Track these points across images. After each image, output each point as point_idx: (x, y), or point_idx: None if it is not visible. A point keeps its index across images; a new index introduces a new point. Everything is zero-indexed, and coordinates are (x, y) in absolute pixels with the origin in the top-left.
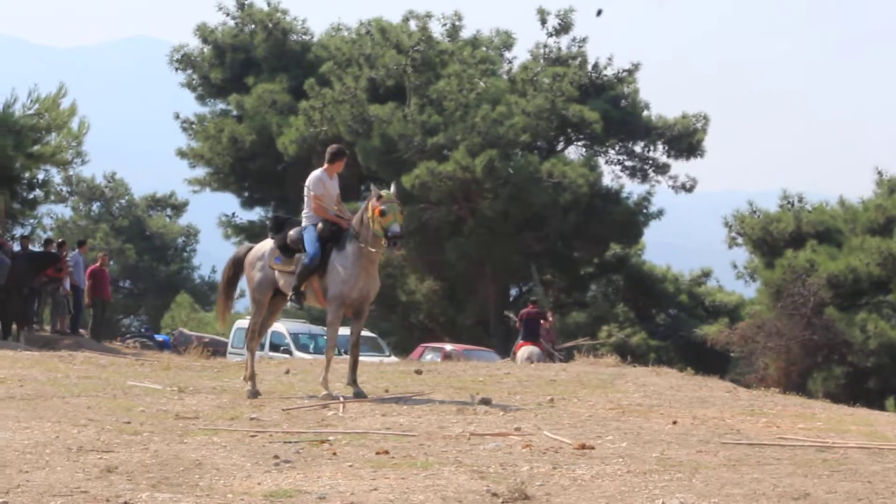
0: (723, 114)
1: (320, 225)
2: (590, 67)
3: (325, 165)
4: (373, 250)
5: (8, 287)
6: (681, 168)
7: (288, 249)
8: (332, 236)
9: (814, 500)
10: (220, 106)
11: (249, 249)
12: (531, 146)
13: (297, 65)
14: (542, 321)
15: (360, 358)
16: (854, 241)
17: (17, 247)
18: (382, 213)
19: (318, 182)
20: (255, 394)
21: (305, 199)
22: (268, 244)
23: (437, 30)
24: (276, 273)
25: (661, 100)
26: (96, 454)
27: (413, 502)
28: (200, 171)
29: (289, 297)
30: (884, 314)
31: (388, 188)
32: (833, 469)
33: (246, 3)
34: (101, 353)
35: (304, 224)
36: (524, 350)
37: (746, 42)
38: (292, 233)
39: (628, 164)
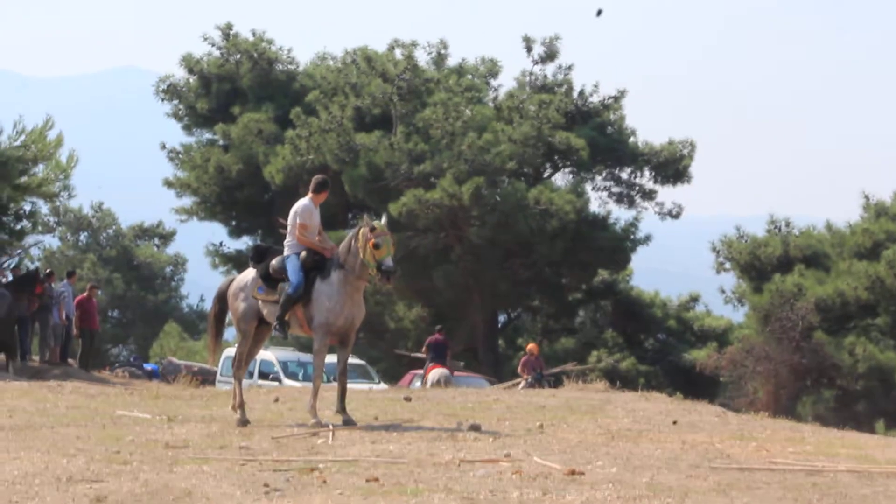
0: (710, 139)
1: (303, 253)
2: (576, 94)
3: (311, 195)
4: (360, 279)
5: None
6: (668, 194)
7: (271, 279)
8: (315, 265)
9: None
10: (207, 135)
11: (232, 281)
12: (518, 173)
13: (283, 94)
14: (447, 347)
15: (350, 385)
16: (842, 265)
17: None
18: (376, 246)
19: (307, 210)
20: (244, 422)
21: (289, 227)
22: (250, 274)
23: (422, 58)
24: (260, 303)
25: (648, 126)
26: (86, 484)
27: None
28: (187, 201)
29: (273, 327)
30: (872, 337)
31: (380, 219)
32: (823, 493)
33: (231, 32)
34: (89, 382)
35: (286, 253)
36: (434, 372)
37: (732, 68)
38: (275, 262)
39: (615, 190)
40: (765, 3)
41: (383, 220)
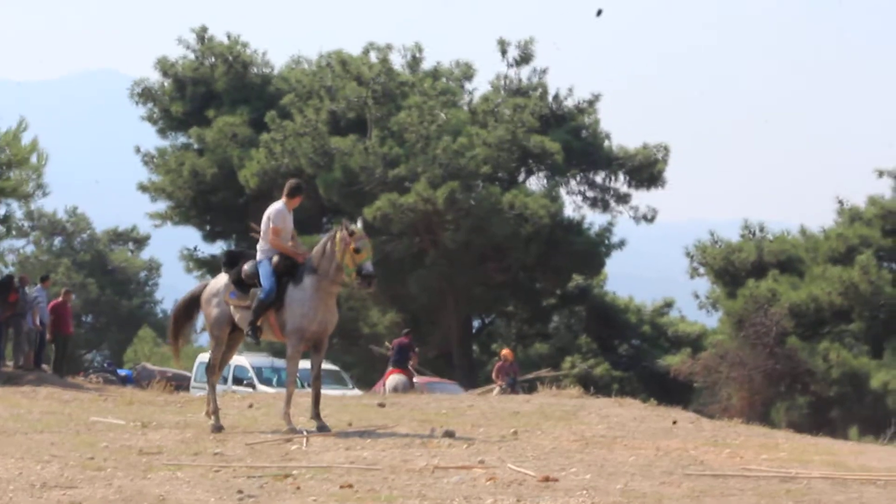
0: (684, 143)
1: (276, 258)
2: (550, 98)
3: (284, 199)
4: (334, 284)
5: None
6: (642, 198)
7: (243, 284)
8: (288, 270)
9: None
10: (181, 139)
11: (205, 286)
12: (492, 177)
13: (257, 97)
14: (412, 351)
15: (323, 391)
16: (816, 270)
17: None
18: (357, 251)
19: (280, 215)
20: (218, 428)
21: (262, 231)
22: (222, 279)
23: (397, 62)
24: (232, 308)
25: (622, 130)
26: (60, 490)
27: None
28: (162, 205)
29: (245, 332)
30: (846, 343)
31: (355, 223)
32: (797, 500)
33: (206, 36)
34: (63, 388)
35: (259, 257)
36: (391, 379)
37: (706, 73)
38: (247, 267)
39: (589, 194)
40: (738, 10)
41: (359, 223)
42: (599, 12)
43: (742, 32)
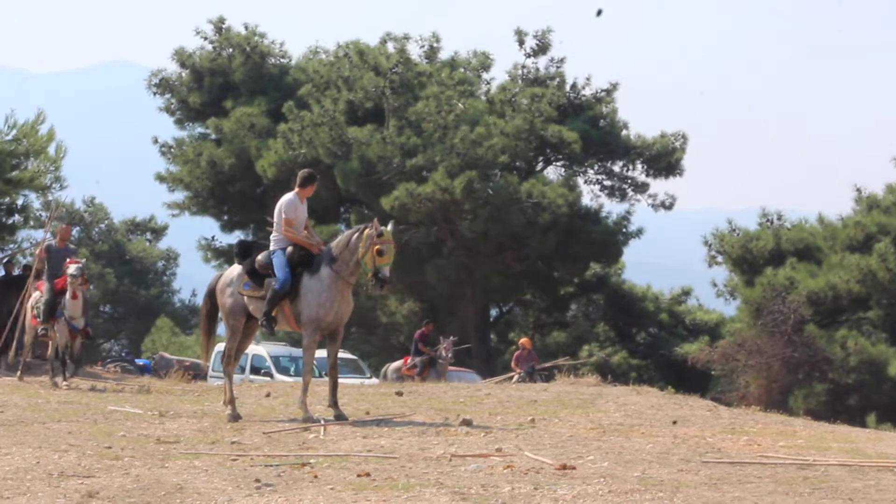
0: (702, 133)
1: (290, 249)
2: (568, 87)
3: (297, 189)
4: (351, 276)
5: None
6: (660, 187)
7: (256, 275)
8: (302, 260)
9: None
10: (199, 130)
11: (220, 276)
12: (510, 167)
13: (275, 88)
14: (422, 341)
15: (341, 380)
16: (833, 258)
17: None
18: (380, 253)
19: (291, 205)
20: (235, 417)
21: (275, 222)
22: (236, 269)
23: (414, 52)
24: (246, 298)
25: (640, 119)
26: (77, 479)
27: None
28: (180, 195)
29: (260, 323)
30: (864, 331)
31: (388, 226)
32: (814, 487)
33: (223, 26)
34: (81, 378)
35: (272, 248)
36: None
37: (724, 61)
38: (260, 257)
39: (607, 183)
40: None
41: (390, 227)
42: (599, 12)
43: (759, 22)
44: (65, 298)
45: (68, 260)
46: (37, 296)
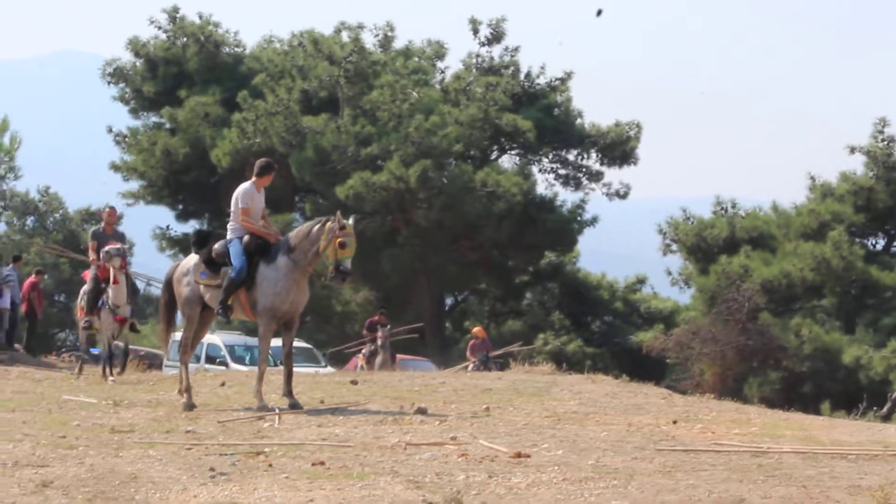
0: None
1: (246, 238)
2: (522, 76)
3: (254, 178)
4: (309, 266)
5: None
6: (614, 175)
7: (213, 263)
8: (259, 249)
9: None
10: (154, 119)
11: (177, 266)
12: (465, 156)
13: (229, 77)
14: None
15: (296, 368)
16: (787, 246)
17: None
18: (342, 245)
19: (248, 195)
20: (190, 406)
21: (232, 212)
22: (193, 259)
23: (369, 41)
24: (202, 287)
25: (595, 108)
26: (32, 469)
27: None
28: (134, 185)
29: (216, 311)
30: (818, 319)
31: (349, 219)
32: (768, 474)
33: (178, 16)
34: (36, 367)
35: (229, 237)
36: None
37: (678, 51)
38: (217, 246)
39: (562, 172)
40: None
41: (351, 220)
42: (599, 12)
43: (713, 10)
44: (108, 287)
45: (108, 243)
46: (85, 288)
